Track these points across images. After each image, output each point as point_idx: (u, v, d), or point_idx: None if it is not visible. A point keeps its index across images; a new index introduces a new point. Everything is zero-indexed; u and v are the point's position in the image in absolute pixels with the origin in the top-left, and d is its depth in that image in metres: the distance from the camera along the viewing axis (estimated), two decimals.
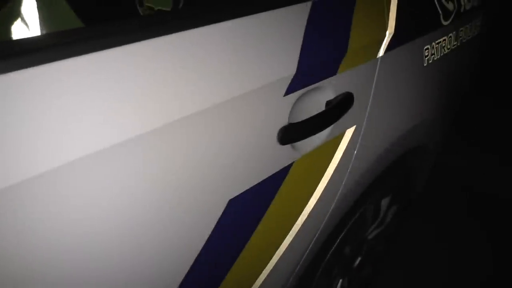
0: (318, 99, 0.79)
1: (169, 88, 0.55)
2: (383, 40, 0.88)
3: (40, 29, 0.75)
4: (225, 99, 0.61)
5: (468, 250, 1.90)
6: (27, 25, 0.75)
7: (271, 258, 0.86)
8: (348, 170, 0.92)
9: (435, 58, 1.11)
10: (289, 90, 0.70)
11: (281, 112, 0.71)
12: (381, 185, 1.14)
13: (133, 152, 0.52)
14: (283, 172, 0.76)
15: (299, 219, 0.87)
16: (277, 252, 0.87)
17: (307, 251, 0.96)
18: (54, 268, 0.51)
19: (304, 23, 0.71)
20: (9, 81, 0.43)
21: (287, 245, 0.87)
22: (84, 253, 0.53)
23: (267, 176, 0.73)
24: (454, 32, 1.19)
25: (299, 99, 0.74)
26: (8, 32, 0.75)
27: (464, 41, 1.28)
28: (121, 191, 0.53)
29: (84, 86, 0.47)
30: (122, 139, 0.50)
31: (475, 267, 1.82)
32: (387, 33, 0.88)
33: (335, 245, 1.08)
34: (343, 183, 0.93)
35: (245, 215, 0.73)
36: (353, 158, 0.92)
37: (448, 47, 1.17)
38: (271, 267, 0.87)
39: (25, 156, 0.44)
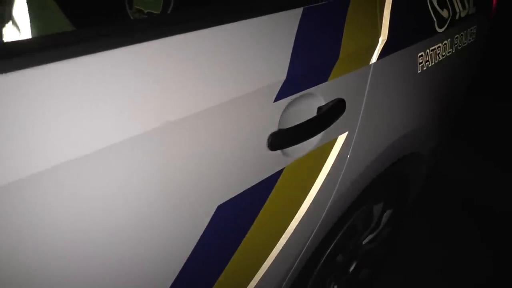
0: (309, 105, 0.78)
1: (156, 93, 0.55)
2: (376, 47, 0.88)
3: (31, 32, 0.75)
4: (214, 104, 0.60)
5: (466, 261, 1.88)
6: (18, 28, 0.75)
7: (261, 264, 0.86)
8: (341, 176, 0.92)
9: (430, 65, 1.11)
10: (279, 96, 0.70)
11: (271, 118, 0.70)
12: (374, 191, 1.14)
13: (117, 157, 0.52)
14: (274, 178, 0.76)
15: (290, 225, 0.86)
16: (268, 258, 0.86)
17: (299, 257, 0.96)
18: (45, 265, 0.51)
19: (295, 29, 0.71)
20: (7, 82, 0.43)
21: (278, 251, 0.86)
22: (76, 252, 0.53)
23: (257, 182, 0.72)
24: (449, 39, 1.19)
25: (289, 104, 0.73)
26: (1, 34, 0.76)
27: (459, 48, 1.29)
28: (109, 194, 0.53)
29: (78, 88, 0.48)
30: (110, 143, 0.50)
31: (472, 278, 1.81)
32: (380, 39, 0.88)
33: (327, 252, 1.08)
34: (335, 189, 0.92)
35: (235, 221, 0.73)
36: (346, 164, 0.92)
37: (443, 54, 1.17)
38: (262, 274, 0.87)
39: (24, 154, 0.44)
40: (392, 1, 0.91)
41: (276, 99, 0.69)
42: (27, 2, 0.72)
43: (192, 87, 0.58)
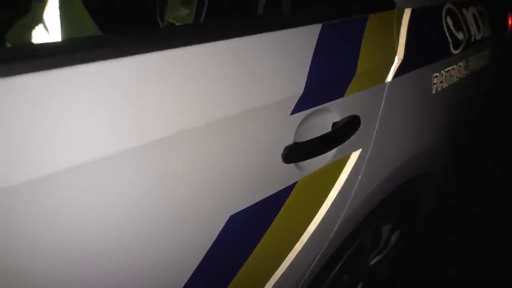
0: (324, 120, 0.79)
1: (175, 99, 0.55)
2: (392, 65, 0.89)
3: (61, 36, 0.77)
4: (231, 114, 0.61)
5: (462, 269, 1.85)
6: (48, 31, 0.77)
7: (270, 277, 0.85)
8: (352, 193, 0.92)
9: (444, 86, 1.11)
10: (296, 109, 0.70)
11: (287, 130, 0.71)
12: (384, 210, 1.13)
13: (133, 162, 0.52)
14: (287, 191, 0.76)
15: (301, 239, 0.86)
16: (277, 272, 0.85)
17: (308, 272, 0.95)
18: (49, 270, 0.51)
19: (314, 44, 0.72)
20: (16, 84, 0.43)
21: (287, 264, 0.86)
22: (84, 261, 0.53)
23: (270, 194, 0.73)
24: (463, 61, 1.19)
25: (305, 118, 0.74)
26: (28, 36, 0.77)
27: (473, 70, 1.29)
28: (119, 201, 0.53)
29: (94, 92, 0.48)
30: (122, 149, 0.50)
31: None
32: (396, 58, 0.89)
33: (335, 270, 1.07)
34: (346, 205, 0.92)
35: (246, 231, 0.73)
36: (358, 182, 0.92)
37: (457, 76, 1.18)
38: (270, 287, 0.86)
39: (35, 156, 0.44)
40: (409, 21, 0.92)
41: (293, 112, 0.70)
42: (59, 11, 0.73)
43: (210, 96, 0.59)
